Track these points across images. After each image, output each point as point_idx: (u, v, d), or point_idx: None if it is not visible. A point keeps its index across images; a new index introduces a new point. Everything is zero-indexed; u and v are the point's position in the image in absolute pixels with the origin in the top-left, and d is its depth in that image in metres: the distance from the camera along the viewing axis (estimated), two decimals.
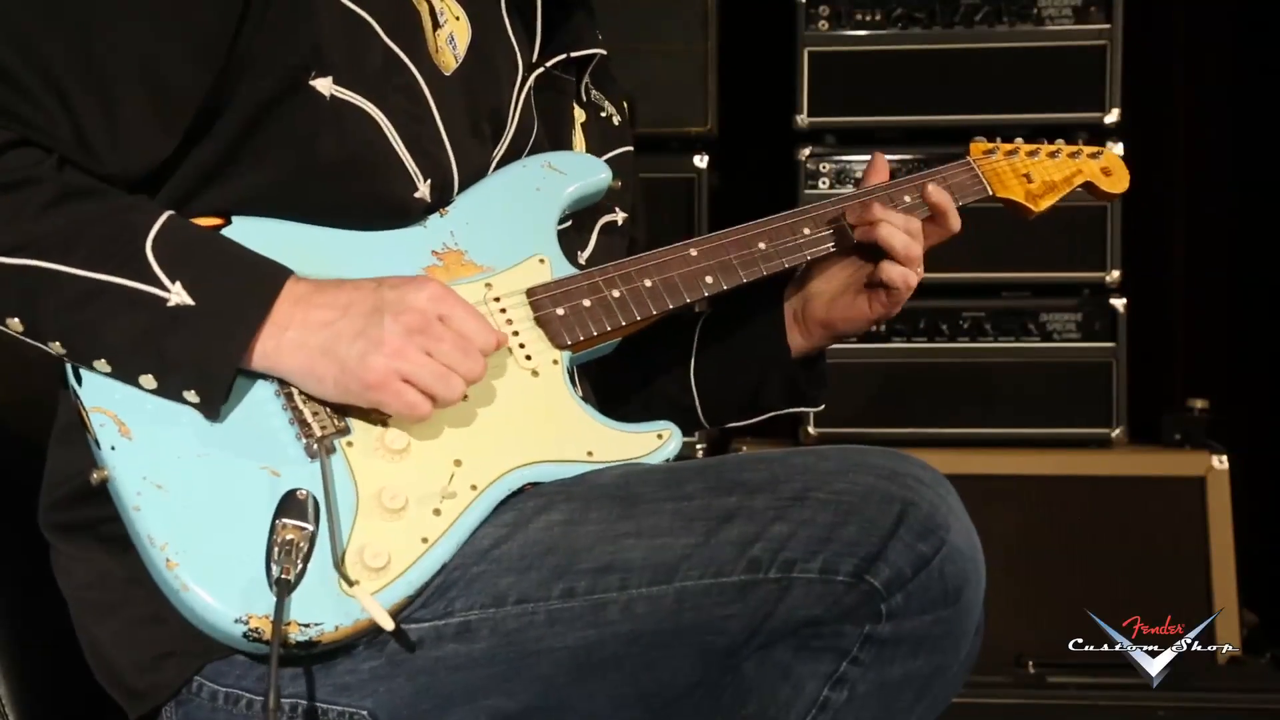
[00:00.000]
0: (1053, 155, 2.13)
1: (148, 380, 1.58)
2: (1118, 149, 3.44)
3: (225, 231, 1.66)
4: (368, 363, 1.59)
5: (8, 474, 1.78)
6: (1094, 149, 2.17)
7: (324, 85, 1.67)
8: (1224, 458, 3.51)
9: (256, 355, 1.59)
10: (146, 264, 1.57)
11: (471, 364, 1.63)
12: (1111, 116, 3.60)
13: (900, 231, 1.92)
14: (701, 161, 3.71)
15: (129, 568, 1.60)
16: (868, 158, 3.58)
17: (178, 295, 1.57)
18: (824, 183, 3.65)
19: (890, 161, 3.60)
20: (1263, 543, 3.72)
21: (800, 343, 2.02)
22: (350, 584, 1.54)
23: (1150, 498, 3.52)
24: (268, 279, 1.60)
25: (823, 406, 2.07)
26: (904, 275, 1.93)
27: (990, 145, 2.12)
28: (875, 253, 1.94)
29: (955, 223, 2.00)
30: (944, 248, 1.99)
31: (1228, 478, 3.50)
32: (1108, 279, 3.64)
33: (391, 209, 1.74)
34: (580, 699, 1.62)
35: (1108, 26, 3.61)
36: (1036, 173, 2.10)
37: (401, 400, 1.60)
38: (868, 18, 3.66)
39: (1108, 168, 2.16)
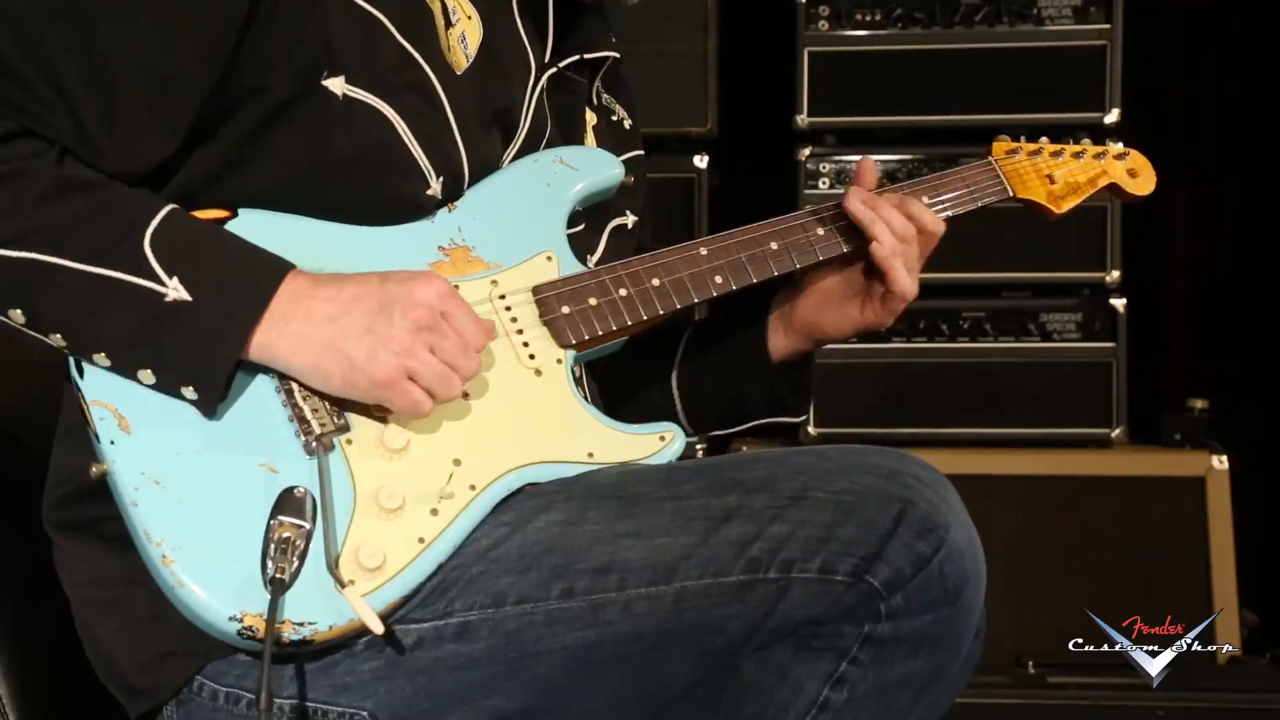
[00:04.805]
0: (1077, 156, 2.10)
1: (146, 375, 1.58)
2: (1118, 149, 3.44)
3: (231, 225, 1.66)
4: (377, 360, 1.59)
5: (8, 474, 1.78)
6: (1120, 149, 2.14)
7: (336, 85, 1.67)
8: (1224, 458, 3.51)
9: (255, 348, 1.59)
10: (144, 259, 1.57)
11: (470, 363, 1.63)
12: (1111, 116, 3.60)
13: (883, 223, 1.89)
14: (701, 161, 3.72)
15: (131, 566, 1.60)
16: (868, 158, 3.65)
17: (175, 290, 1.57)
18: (824, 183, 3.65)
19: (890, 161, 3.67)
20: (1263, 543, 3.72)
21: (782, 344, 2.00)
22: (343, 585, 1.54)
23: (1150, 498, 3.52)
24: (266, 273, 1.60)
25: (804, 418, 2.05)
26: (905, 284, 1.90)
27: (1013, 145, 2.08)
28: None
29: (914, 228, 1.92)
30: (946, 247, 1.97)
31: (1228, 478, 3.50)
32: (1108, 279, 3.64)
33: (404, 206, 1.73)
34: (579, 699, 1.62)
35: (1108, 26, 3.61)
36: (1060, 174, 2.07)
37: (408, 399, 1.60)
38: (868, 18, 3.65)
39: (1134, 169, 2.13)
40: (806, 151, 3.67)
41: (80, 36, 1.58)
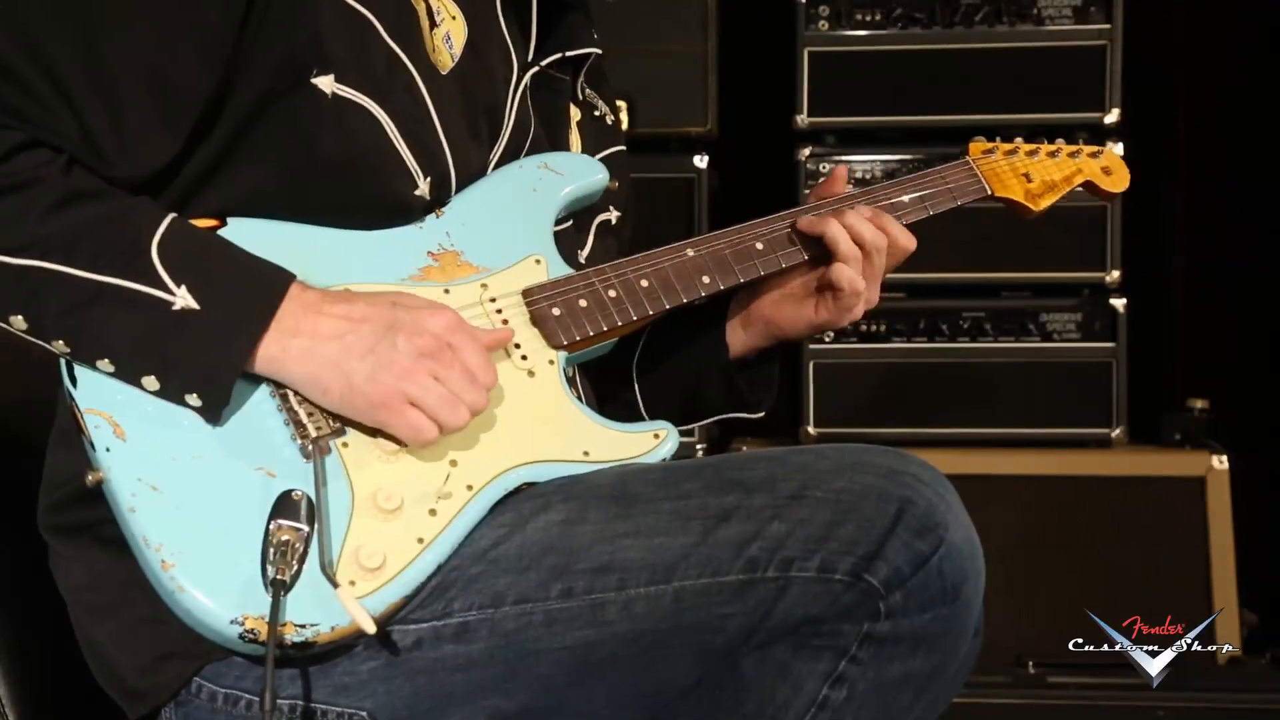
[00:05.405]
0: (1052, 155, 2.12)
1: (150, 382, 1.58)
2: (1118, 149, 3.44)
3: (221, 233, 1.65)
4: (376, 381, 1.59)
5: (7, 474, 1.77)
6: (1094, 148, 2.16)
7: (326, 83, 1.67)
8: (1224, 458, 3.51)
9: (260, 360, 1.59)
10: (152, 267, 1.57)
11: (478, 395, 1.63)
12: (1111, 116, 3.60)
13: (844, 232, 1.88)
14: (701, 161, 3.72)
15: (128, 569, 1.59)
16: (868, 158, 3.66)
17: (183, 299, 1.57)
18: None
19: (890, 161, 3.67)
20: (1263, 543, 3.72)
21: (741, 339, 1.99)
22: (335, 585, 1.54)
23: (1150, 498, 3.52)
24: (272, 284, 1.60)
25: (763, 414, 2.03)
26: (851, 279, 1.88)
27: (989, 145, 2.11)
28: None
29: (849, 248, 1.90)
30: (945, 247, 1.97)
31: (1228, 478, 3.50)
32: (1108, 279, 3.64)
33: (392, 207, 1.73)
34: (579, 699, 1.62)
35: (1108, 26, 3.61)
36: (1036, 172, 2.09)
37: (406, 422, 1.60)
38: (868, 18, 3.66)
39: (1108, 166, 2.16)
40: (806, 151, 3.67)
41: (83, 43, 1.58)
